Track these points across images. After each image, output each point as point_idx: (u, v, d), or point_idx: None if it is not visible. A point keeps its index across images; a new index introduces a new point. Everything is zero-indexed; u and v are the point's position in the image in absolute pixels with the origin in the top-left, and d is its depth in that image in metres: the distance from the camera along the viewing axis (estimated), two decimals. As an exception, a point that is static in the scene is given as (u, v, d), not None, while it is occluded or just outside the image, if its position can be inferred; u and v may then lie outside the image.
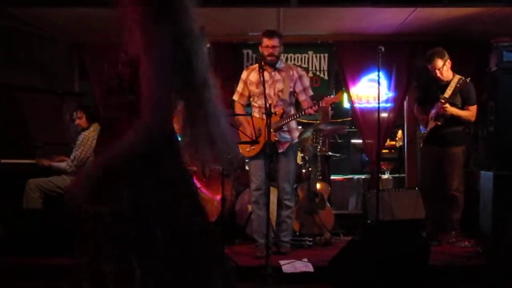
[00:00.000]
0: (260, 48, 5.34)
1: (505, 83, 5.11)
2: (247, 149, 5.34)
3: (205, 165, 2.07)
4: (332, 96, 5.17)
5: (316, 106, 5.15)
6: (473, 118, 5.76)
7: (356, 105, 7.33)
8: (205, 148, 2.04)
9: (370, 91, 7.27)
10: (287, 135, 5.30)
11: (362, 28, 6.75)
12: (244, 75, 5.48)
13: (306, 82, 5.44)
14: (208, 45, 5.79)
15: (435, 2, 5.78)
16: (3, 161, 5.71)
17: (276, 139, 5.16)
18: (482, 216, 5.21)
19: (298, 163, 6.52)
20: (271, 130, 5.08)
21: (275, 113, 5.08)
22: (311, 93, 5.45)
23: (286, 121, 5.20)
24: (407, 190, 6.58)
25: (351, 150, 9.44)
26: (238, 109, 5.47)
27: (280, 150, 5.25)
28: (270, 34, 5.25)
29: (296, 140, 5.45)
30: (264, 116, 5.06)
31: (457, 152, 5.77)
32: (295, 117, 5.25)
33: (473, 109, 5.72)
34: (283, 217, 5.39)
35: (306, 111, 5.20)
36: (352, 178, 8.19)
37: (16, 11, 6.07)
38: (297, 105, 5.55)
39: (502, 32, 5.55)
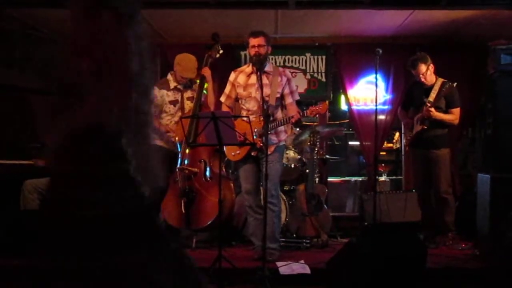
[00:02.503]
0: (248, 51, 5.32)
1: (502, 86, 5.12)
2: (232, 153, 5.32)
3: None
4: (317, 106, 5.12)
5: (299, 116, 5.10)
6: (456, 121, 5.81)
7: (354, 107, 7.34)
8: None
9: (368, 93, 7.28)
10: (273, 138, 5.22)
11: (360, 30, 6.75)
12: (232, 77, 5.46)
13: (294, 86, 5.40)
14: (221, 51, 5.80)
15: (433, 4, 5.79)
16: (0, 162, 5.70)
17: (262, 144, 5.02)
18: (480, 219, 5.21)
19: (296, 165, 6.53)
20: (256, 136, 5.08)
21: (260, 115, 5.08)
22: (297, 97, 5.39)
23: (271, 125, 5.10)
24: (404, 192, 6.58)
25: (348, 152, 9.44)
26: (225, 110, 5.44)
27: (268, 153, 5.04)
28: (254, 33, 5.21)
29: (283, 143, 5.42)
30: (252, 118, 5.07)
31: (443, 155, 5.81)
32: (280, 123, 5.20)
33: (456, 112, 5.76)
34: (267, 222, 4.96)
35: (291, 120, 5.12)
36: (350, 180, 8.18)
37: (15, 12, 6.06)
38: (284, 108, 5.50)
39: (499, 35, 5.56)
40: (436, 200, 5.85)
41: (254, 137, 5.03)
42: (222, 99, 5.49)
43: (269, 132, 5.02)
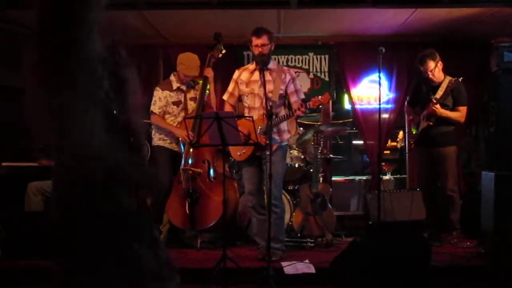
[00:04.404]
0: (250, 48, 5.30)
1: (506, 84, 5.10)
2: (238, 153, 5.31)
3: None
4: (320, 97, 5.10)
5: (304, 108, 5.07)
6: (462, 119, 5.79)
7: (357, 106, 7.34)
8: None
9: (371, 92, 7.27)
10: (275, 137, 5.17)
11: (363, 29, 6.75)
12: (235, 74, 5.46)
13: (298, 84, 5.38)
14: (223, 51, 5.80)
15: (435, 2, 5.78)
16: (4, 164, 5.71)
17: (267, 142, 4.93)
18: (484, 217, 5.20)
19: (300, 165, 6.52)
20: (259, 133, 5.07)
21: (264, 115, 5.08)
22: (302, 96, 5.34)
23: (275, 122, 5.06)
24: (408, 191, 6.57)
25: (352, 151, 9.45)
26: (227, 109, 5.43)
27: (267, 152, 4.85)
28: (258, 33, 5.15)
29: (286, 142, 5.39)
30: (255, 117, 5.06)
31: (449, 152, 5.80)
32: (283, 118, 5.18)
33: (463, 110, 5.75)
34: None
35: (295, 113, 5.10)
36: (354, 179, 8.18)
37: (16, 14, 6.07)
38: (289, 107, 5.47)
39: (502, 33, 5.55)
40: (442, 198, 5.84)
41: (258, 133, 5.01)
42: (225, 97, 5.48)
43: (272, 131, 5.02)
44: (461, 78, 5.63)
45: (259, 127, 5.07)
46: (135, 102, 2.13)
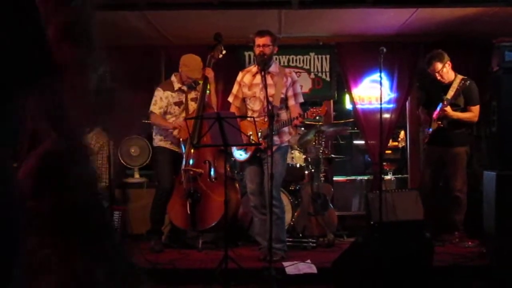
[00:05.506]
0: (254, 49, 5.32)
1: (507, 83, 5.10)
2: (240, 154, 5.34)
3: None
4: (317, 108, 5.13)
5: (302, 118, 5.07)
6: (475, 119, 5.77)
7: (358, 106, 7.33)
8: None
9: (372, 92, 7.26)
10: (275, 138, 5.13)
11: (364, 29, 6.75)
12: (239, 77, 5.47)
13: (298, 88, 5.38)
14: (224, 51, 5.82)
15: (436, 2, 5.78)
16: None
17: (266, 146, 5.00)
18: (486, 217, 5.19)
19: (301, 165, 6.52)
20: (260, 137, 5.07)
21: (265, 117, 5.08)
22: (301, 100, 5.35)
23: (275, 127, 5.03)
24: (410, 190, 6.57)
25: (353, 151, 9.44)
26: (233, 111, 5.43)
27: (268, 153, 4.90)
28: (260, 33, 5.21)
29: (285, 144, 5.39)
30: (257, 119, 5.06)
31: (460, 153, 5.78)
32: (282, 124, 5.17)
33: (475, 109, 5.73)
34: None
35: (293, 123, 5.12)
36: (355, 179, 8.17)
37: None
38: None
39: (503, 32, 5.55)
40: (448, 198, 5.82)
41: (259, 138, 5.03)
42: (230, 99, 5.50)
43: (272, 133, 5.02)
44: (470, 80, 5.63)
45: (260, 131, 5.08)
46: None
